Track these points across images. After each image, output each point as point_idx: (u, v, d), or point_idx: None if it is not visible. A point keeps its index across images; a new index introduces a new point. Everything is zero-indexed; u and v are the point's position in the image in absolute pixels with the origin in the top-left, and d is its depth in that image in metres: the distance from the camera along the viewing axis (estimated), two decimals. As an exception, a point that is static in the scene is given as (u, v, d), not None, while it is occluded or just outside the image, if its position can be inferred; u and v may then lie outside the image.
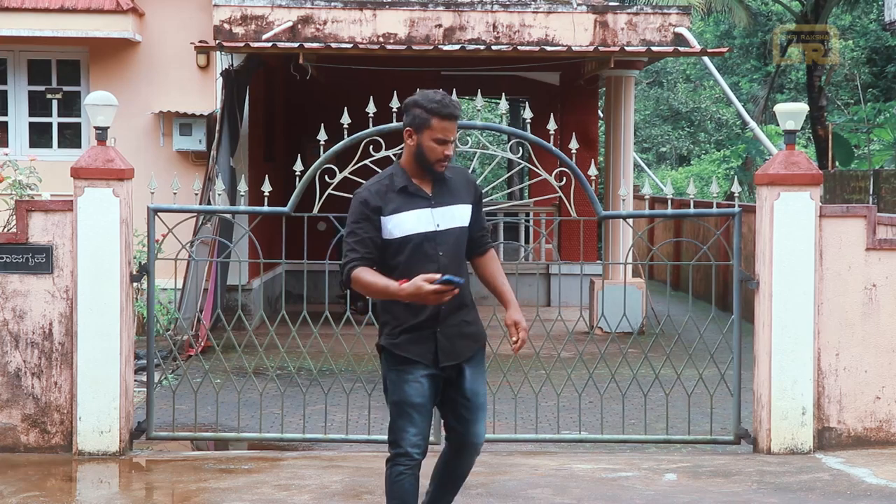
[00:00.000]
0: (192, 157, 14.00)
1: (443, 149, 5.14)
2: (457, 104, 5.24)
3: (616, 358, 9.10)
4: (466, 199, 5.27)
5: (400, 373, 5.22)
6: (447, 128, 5.12)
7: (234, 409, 8.74)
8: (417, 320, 5.19)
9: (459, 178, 5.30)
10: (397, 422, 5.20)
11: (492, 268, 5.42)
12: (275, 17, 13.81)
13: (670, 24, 14.09)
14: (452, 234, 5.22)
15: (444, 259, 5.19)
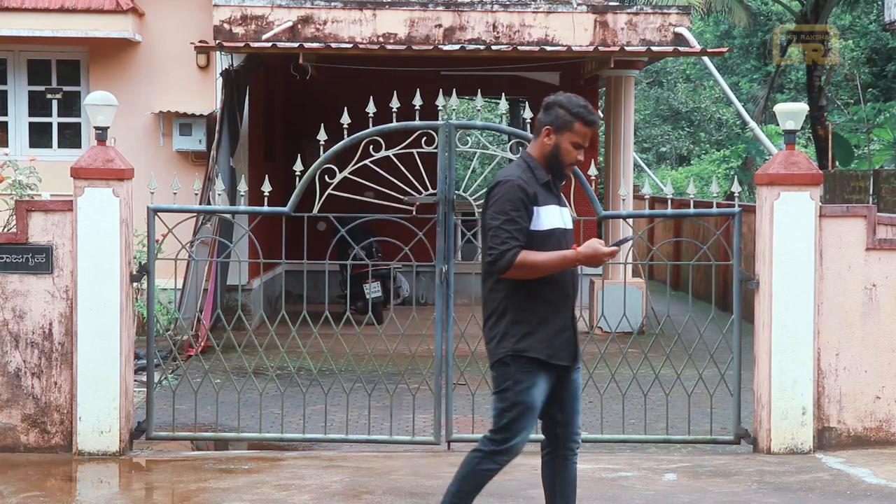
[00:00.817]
0: (192, 157, 14.00)
1: (577, 153, 5.27)
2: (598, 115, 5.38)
3: (616, 358, 9.10)
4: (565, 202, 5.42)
5: (531, 376, 5.26)
6: (586, 133, 5.24)
7: (234, 409, 8.74)
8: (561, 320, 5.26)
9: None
10: (518, 423, 5.34)
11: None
12: (275, 17, 13.81)
13: (670, 23, 14.09)
14: (568, 236, 5.38)
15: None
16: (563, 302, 5.28)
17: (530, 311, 5.22)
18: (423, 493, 6.96)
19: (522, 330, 5.22)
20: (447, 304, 8.22)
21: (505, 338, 5.24)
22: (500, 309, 5.24)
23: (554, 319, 5.24)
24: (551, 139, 5.26)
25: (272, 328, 8.50)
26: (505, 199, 5.14)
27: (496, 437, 5.34)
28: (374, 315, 13.89)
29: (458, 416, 9.09)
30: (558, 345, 5.25)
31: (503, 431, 5.32)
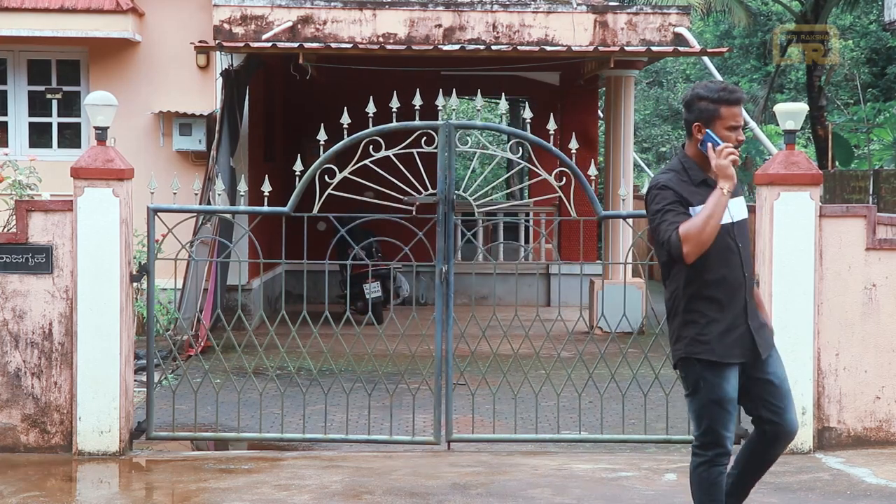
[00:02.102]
0: (192, 157, 14.00)
1: (735, 135, 5.17)
2: (740, 89, 5.26)
3: (616, 358, 9.10)
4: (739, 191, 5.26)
5: (717, 373, 5.20)
6: (736, 113, 5.16)
7: (234, 409, 8.74)
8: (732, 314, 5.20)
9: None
10: (718, 421, 5.20)
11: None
12: (275, 17, 13.81)
13: (670, 23, 14.09)
14: (744, 226, 5.28)
15: (743, 251, 5.25)
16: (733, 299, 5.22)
17: (698, 311, 5.23)
18: (423, 493, 6.96)
19: (692, 332, 5.24)
20: (447, 304, 8.22)
21: (679, 340, 5.28)
22: (674, 310, 5.33)
23: (722, 318, 5.21)
24: (703, 133, 5.20)
25: (272, 328, 8.50)
26: (656, 200, 5.18)
27: (702, 440, 5.26)
28: (374, 315, 13.89)
29: (458, 416, 9.09)
30: (729, 343, 5.21)
31: (706, 435, 5.24)
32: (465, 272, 14.94)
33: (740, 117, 5.18)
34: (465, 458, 7.95)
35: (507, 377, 8.57)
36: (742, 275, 5.25)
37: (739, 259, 5.24)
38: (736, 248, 5.23)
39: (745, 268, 5.26)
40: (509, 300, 14.24)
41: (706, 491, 5.24)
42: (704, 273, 5.17)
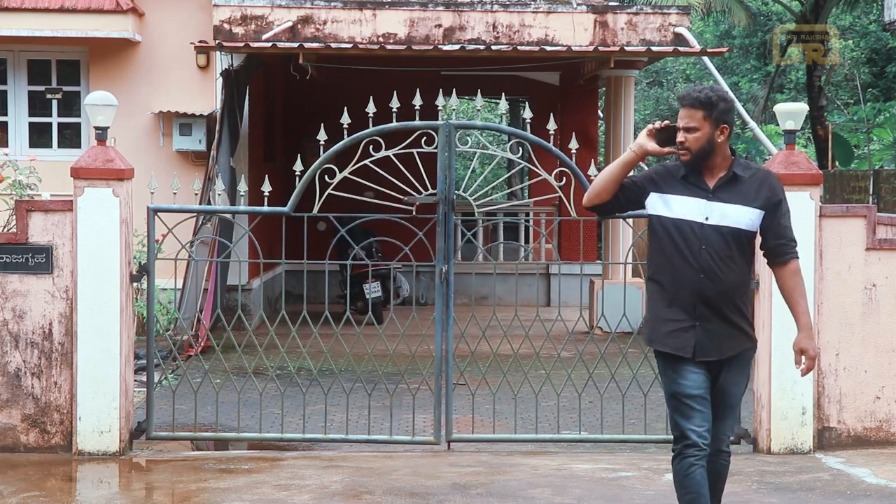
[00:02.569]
0: (192, 157, 14.00)
1: (679, 135, 5.33)
2: (695, 92, 5.34)
3: (616, 358, 9.09)
4: (753, 202, 5.28)
5: (671, 366, 5.33)
6: (683, 115, 5.31)
7: (234, 409, 8.74)
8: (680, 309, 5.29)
9: (754, 180, 5.34)
10: (679, 413, 5.30)
11: (788, 283, 5.41)
12: (275, 17, 13.81)
13: (670, 23, 14.09)
14: (720, 232, 5.27)
15: (705, 254, 5.26)
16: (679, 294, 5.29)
17: (650, 294, 5.44)
18: (423, 493, 6.96)
19: (648, 315, 5.45)
20: (447, 304, 8.22)
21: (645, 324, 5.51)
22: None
23: (668, 310, 5.32)
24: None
25: (272, 328, 8.50)
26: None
27: (673, 433, 5.41)
28: (374, 315, 13.89)
29: (458, 416, 9.09)
30: (681, 339, 5.29)
31: (674, 428, 5.38)
32: (465, 272, 14.94)
33: (686, 119, 5.29)
34: (465, 458, 7.95)
35: (507, 377, 8.57)
36: (699, 276, 5.25)
37: (699, 261, 5.24)
38: (698, 249, 5.26)
39: (705, 272, 5.24)
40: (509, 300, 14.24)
41: (679, 483, 5.30)
42: (656, 255, 5.38)
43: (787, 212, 5.35)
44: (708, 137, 5.28)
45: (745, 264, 5.33)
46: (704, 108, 5.27)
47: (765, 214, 5.29)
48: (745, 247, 5.32)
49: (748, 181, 5.32)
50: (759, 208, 5.28)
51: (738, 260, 5.29)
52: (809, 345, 5.35)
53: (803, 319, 5.36)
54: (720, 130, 5.29)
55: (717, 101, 5.29)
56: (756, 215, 5.28)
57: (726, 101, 5.34)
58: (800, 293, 5.39)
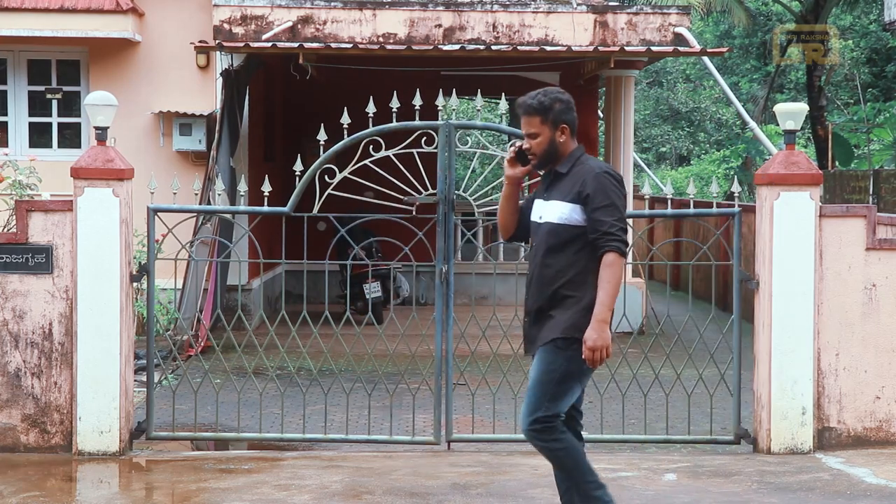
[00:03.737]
0: (192, 157, 14.00)
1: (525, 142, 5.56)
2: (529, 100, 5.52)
3: (616, 358, 9.09)
4: (567, 196, 5.45)
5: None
6: (523, 123, 5.53)
7: (234, 409, 8.74)
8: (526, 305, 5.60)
9: (573, 175, 5.49)
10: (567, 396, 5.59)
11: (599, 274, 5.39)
12: (275, 17, 13.81)
13: (670, 23, 14.09)
14: (543, 229, 5.50)
15: (537, 251, 5.51)
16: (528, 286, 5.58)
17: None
18: (423, 493, 6.96)
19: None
20: (447, 304, 8.22)
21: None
22: None
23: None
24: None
25: (272, 328, 8.49)
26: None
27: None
28: (374, 315, 13.89)
29: (458, 416, 9.09)
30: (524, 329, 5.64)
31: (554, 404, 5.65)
32: (465, 272, 14.93)
33: (526, 127, 5.53)
34: (465, 458, 7.95)
35: (507, 377, 8.57)
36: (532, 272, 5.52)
37: (533, 257, 5.54)
38: (534, 247, 5.54)
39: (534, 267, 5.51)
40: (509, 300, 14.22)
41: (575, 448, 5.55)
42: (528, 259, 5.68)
43: (603, 206, 5.36)
44: (549, 140, 5.52)
45: (567, 259, 5.42)
46: (540, 114, 5.51)
47: (583, 208, 5.40)
48: (565, 241, 5.43)
49: (568, 177, 5.48)
50: (573, 202, 5.41)
51: (558, 255, 5.43)
52: (590, 335, 5.29)
53: (596, 309, 5.33)
54: (560, 131, 5.51)
55: (552, 103, 5.52)
56: (569, 209, 5.42)
57: (562, 102, 5.55)
58: (604, 285, 5.33)
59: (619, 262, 5.33)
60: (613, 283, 5.32)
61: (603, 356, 5.30)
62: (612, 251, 5.33)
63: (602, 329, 5.29)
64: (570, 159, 5.52)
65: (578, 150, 5.57)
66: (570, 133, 5.54)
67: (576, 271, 5.41)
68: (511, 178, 5.65)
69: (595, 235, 5.37)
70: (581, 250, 5.41)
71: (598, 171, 5.44)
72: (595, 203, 5.37)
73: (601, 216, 5.35)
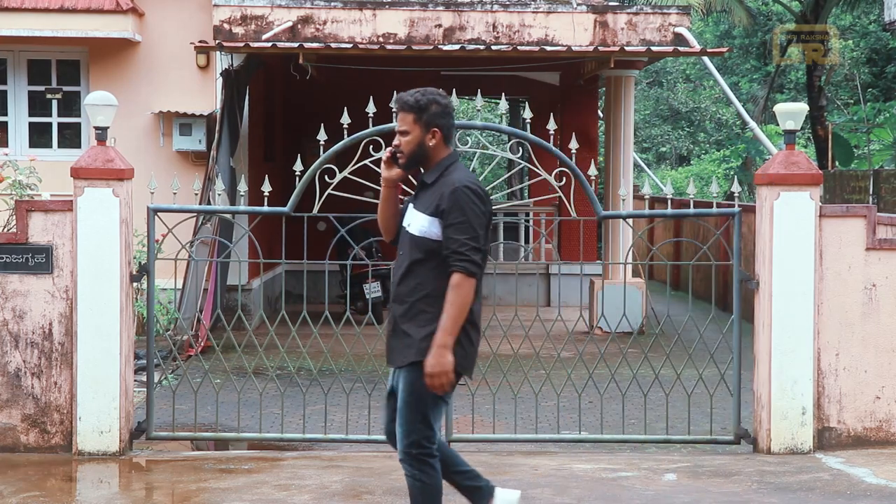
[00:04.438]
0: (192, 157, 14.00)
1: (396, 138, 5.34)
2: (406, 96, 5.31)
3: (616, 358, 9.10)
4: (428, 208, 5.22)
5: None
6: (397, 119, 5.33)
7: (234, 409, 8.74)
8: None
9: (437, 187, 5.25)
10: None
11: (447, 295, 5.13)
12: (275, 17, 13.81)
13: (670, 23, 14.09)
14: (408, 238, 5.29)
15: (400, 260, 5.30)
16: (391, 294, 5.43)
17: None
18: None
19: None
20: (447, 304, 8.20)
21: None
22: None
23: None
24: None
25: (272, 328, 8.49)
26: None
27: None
28: (374, 315, 13.89)
29: (458, 416, 9.09)
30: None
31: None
32: (465, 272, 14.89)
33: (401, 123, 5.30)
34: (466, 458, 7.92)
35: (507, 377, 8.57)
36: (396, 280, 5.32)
37: (398, 264, 5.32)
38: (399, 254, 5.34)
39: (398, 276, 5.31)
40: (509, 300, 14.24)
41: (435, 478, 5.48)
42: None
43: (456, 223, 5.13)
44: (418, 141, 5.26)
45: (426, 272, 5.20)
46: (414, 112, 5.25)
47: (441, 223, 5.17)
48: (425, 254, 5.20)
49: (432, 188, 5.25)
50: (432, 215, 5.18)
51: (418, 267, 5.22)
52: (429, 361, 5.09)
53: (437, 334, 5.10)
54: (431, 133, 5.25)
55: (428, 104, 5.25)
56: (429, 223, 5.19)
57: (439, 105, 5.26)
58: (448, 308, 5.10)
59: (466, 283, 5.09)
60: (458, 307, 5.09)
61: (444, 382, 5.09)
62: (458, 272, 5.10)
63: (441, 355, 5.07)
64: (438, 168, 5.27)
65: (449, 160, 5.30)
66: (443, 139, 5.27)
67: (435, 286, 5.16)
68: (387, 179, 5.40)
69: (446, 253, 5.13)
70: (441, 265, 5.16)
71: (458, 186, 5.17)
72: (449, 219, 5.13)
73: (452, 234, 5.12)
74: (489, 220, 5.25)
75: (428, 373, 5.09)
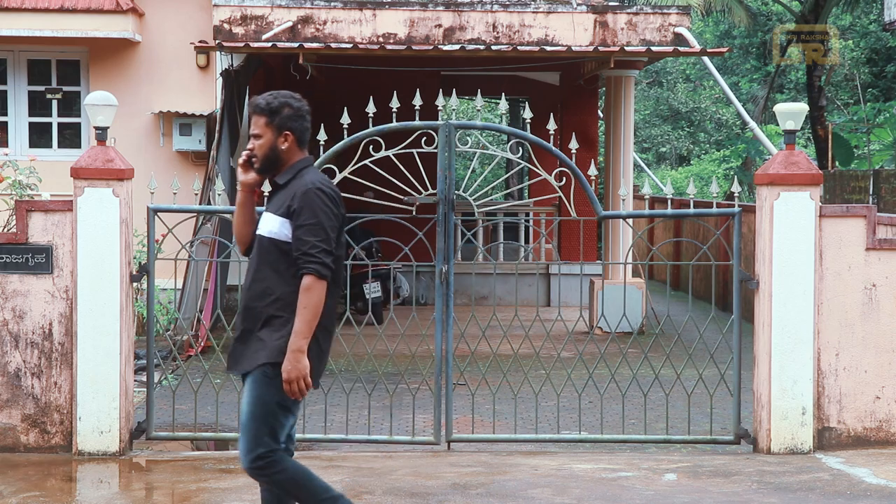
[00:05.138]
0: (192, 157, 14.00)
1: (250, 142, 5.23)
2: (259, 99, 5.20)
3: (616, 358, 9.10)
4: (279, 210, 5.14)
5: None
6: (252, 122, 5.22)
7: (234, 409, 8.74)
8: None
9: (289, 188, 5.16)
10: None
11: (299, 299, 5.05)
12: (275, 17, 13.81)
13: (670, 23, 14.09)
14: (261, 242, 5.19)
15: (252, 263, 5.21)
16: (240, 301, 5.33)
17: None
18: (423, 493, 6.96)
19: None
20: (447, 304, 8.22)
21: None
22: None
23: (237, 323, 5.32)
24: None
25: (272, 328, 8.48)
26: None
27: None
28: (374, 315, 13.86)
29: (458, 416, 9.10)
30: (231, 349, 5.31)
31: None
32: (465, 272, 14.93)
33: (254, 126, 5.19)
34: (465, 458, 7.95)
35: (507, 377, 8.57)
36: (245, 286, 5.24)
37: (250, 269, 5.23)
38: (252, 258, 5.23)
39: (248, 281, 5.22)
40: (509, 300, 14.24)
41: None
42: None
43: (307, 224, 5.05)
44: (270, 144, 5.17)
45: (276, 276, 5.12)
46: (266, 115, 5.17)
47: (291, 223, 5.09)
48: (277, 257, 5.12)
49: (284, 190, 5.17)
50: (283, 217, 5.10)
51: (268, 271, 5.14)
52: (284, 366, 5.00)
53: (291, 339, 5.01)
54: (284, 137, 5.16)
55: (280, 107, 5.16)
56: (279, 224, 5.10)
57: (292, 108, 5.18)
58: (301, 311, 5.01)
59: (317, 286, 5.01)
60: (310, 310, 5.00)
61: (301, 387, 4.99)
62: (310, 274, 5.01)
63: (298, 359, 4.97)
64: (291, 170, 5.19)
65: (302, 163, 5.21)
66: (297, 142, 5.19)
67: (285, 290, 5.07)
68: (243, 183, 5.26)
69: (296, 255, 5.05)
70: (291, 268, 5.08)
71: (310, 187, 5.08)
72: (300, 220, 5.05)
73: (303, 235, 5.03)
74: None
75: (285, 378, 4.99)
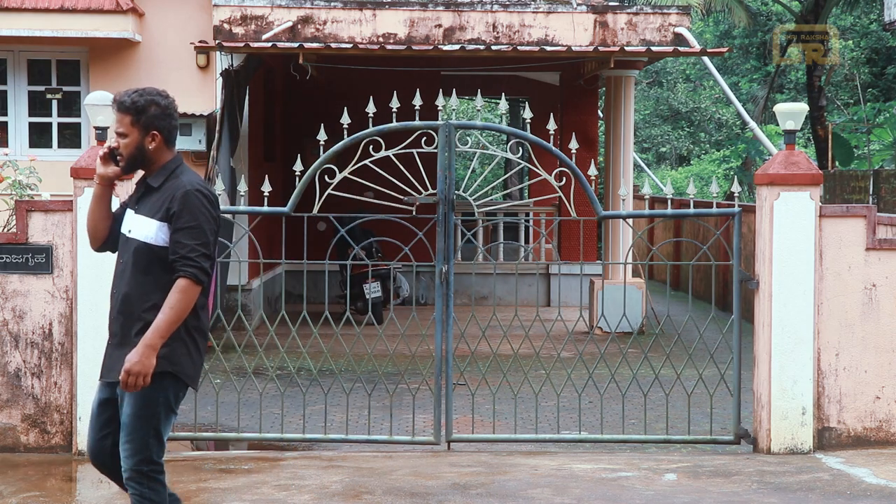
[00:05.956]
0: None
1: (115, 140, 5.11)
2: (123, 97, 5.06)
3: (616, 358, 9.10)
4: (156, 213, 5.00)
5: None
6: (116, 120, 5.08)
7: (234, 409, 8.74)
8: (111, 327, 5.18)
9: (165, 191, 5.02)
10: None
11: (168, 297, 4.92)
12: (275, 17, 13.81)
13: (670, 24, 14.09)
14: (132, 245, 5.04)
15: (121, 267, 5.12)
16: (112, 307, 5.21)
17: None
18: (423, 493, 6.96)
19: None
20: (447, 304, 8.22)
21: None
22: None
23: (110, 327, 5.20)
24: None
25: (272, 328, 8.49)
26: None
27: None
28: (374, 315, 13.89)
29: (458, 416, 9.10)
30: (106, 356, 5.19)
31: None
32: (465, 272, 14.93)
33: (119, 124, 5.05)
34: (465, 458, 7.95)
35: (507, 377, 8.57)
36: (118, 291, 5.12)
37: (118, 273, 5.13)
38: (120, 262, 5.12)
39: (117, 286, 5.12)
40: (509, 300, 14.25)
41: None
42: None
43: (187, 227, 4.93)
44: (136, 144, 5.03)
45: (152, 281, 5.00)
46: (131, 114, 5.01)
47: (170, 227, 4.96)
48: (152, 262, 4.99)
49: (158, 192, 5.03)
50: (161, 220, 4.97)
51: (142, 276, 5.02)
52: (131, 357, 4.86)
53: (148, 333, 4.89)
54: (151, 137, 5.02)
55: (146, 105, 5.02)
56: (156, 228, 4.98)
57: (159, 106, 5.04)
58: (166, 310, 4.88)
59: (191, 289, 4.89)
60: (177, 311, 4.88)
61: (138, 384, 4.83)
62: (186, 277, 4.89)
63: (147, 355, 4.84)
64: (163, 171, 5.05)
65: (174, 163, 5.08)
66: (165, 142, 5.06)
67: (162, 296, 4.94)
68: (102, 177, 5.11)
69: (174, 258, 4.92)
70: (167, 274, 4.95)
71: (189, 189, 4.96)
72: (179, 223, 4.93)
73: (182, 238, 4.91)
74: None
75: (126, 369, 4.84)
